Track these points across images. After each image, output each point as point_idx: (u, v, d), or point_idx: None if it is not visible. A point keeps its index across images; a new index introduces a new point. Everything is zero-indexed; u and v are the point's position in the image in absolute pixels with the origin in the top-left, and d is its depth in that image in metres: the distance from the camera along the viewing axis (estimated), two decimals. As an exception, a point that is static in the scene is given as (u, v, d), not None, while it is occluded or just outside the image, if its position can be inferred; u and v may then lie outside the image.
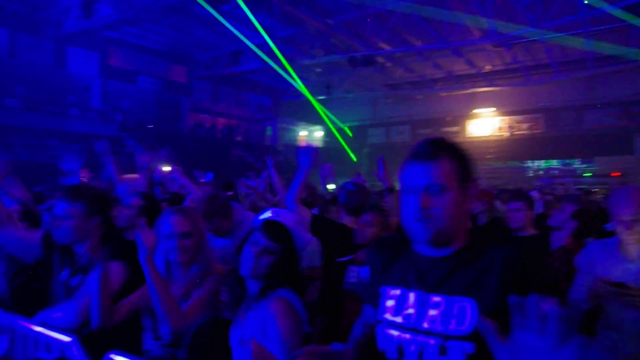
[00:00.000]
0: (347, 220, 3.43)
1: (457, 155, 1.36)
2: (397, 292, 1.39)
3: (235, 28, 16.31)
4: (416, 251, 1.40)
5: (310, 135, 27.53)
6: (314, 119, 25.50)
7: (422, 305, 1.32)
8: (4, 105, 15.45)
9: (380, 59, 19.77)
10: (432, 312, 1.29)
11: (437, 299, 1.30)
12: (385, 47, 18.44)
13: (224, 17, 15.52)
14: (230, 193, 5.64)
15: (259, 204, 4.90)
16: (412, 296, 1.35)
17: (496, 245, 1.31)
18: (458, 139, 25.19)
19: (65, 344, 2.09)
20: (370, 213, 3.11)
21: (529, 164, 23.56)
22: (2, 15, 15.72)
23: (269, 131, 25.66)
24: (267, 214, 2.69)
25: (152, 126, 19.43)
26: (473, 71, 22.20)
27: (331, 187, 5.68)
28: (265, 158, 4.75)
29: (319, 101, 22.97)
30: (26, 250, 2.57)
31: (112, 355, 1.78)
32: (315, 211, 3.94)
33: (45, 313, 2.29)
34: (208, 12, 14.71)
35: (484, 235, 1.37)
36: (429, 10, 14.58)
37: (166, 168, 5.16)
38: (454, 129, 25.69)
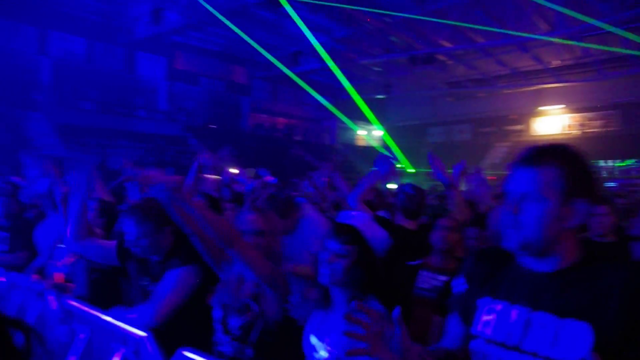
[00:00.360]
0: (405, 224, 3.39)
1: (568, 165, 1.21)
2: (499, 306, 1.29)
3: (295, 29, 16.50)
4: (521, 265, 1.30)
5: (369, 134, 27.40)
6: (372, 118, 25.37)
7: (526, 324, 1.22)
8: (80, 107, 16.56)
9: (440, 57, 19.36)
10: (539, 332, 1.19)
11: (544, 318, 1.20)
12: (446, 44, 18.03)
13: (284, 19, 15.75)
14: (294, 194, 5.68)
15: (319, 202, 4.89)
16: (515, 312, 1.25)
17: (613, 264, 1.20)
18: (522, 138, 24.33)
19: (140, 339, 2.21)
20: (447, 218, 3.04)
21: (602, 164, 22.27)
22: (80, 25, 16.80)
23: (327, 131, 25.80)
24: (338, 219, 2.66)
25: (214, 126, 20.02)
26: (540, 67, 21.25)
27: (392, 187, 5.63)
28: (324, 160, 4.75)
29: (378, 100, 22.80)
30: (104, 259, 2.69)
31: (184, 352, 1.82)
32: (381, 214, 3.89)
33: (121, 311, 2.37)
34: (268, 14, 14.99)
35: (597, 251, 1.23)
36: (491, 5, 14.12)
37: (233, 170, 5.30)
38: (518, 127, 24.70)
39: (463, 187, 5.37)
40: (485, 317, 1.30)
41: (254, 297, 2.13)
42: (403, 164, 23.65)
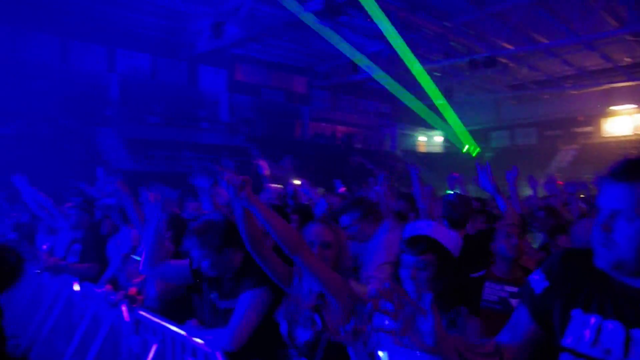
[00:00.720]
0: None
1: None
2: (592, 320, 1.21)
3: (353, 38, 16.47)
4: (615, 277, 1.21)
5: (430, 140, 26.89)
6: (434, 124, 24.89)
7: (627, 341, 1.14)
8: (147, 121, 17.30)
9: (502, 59, 18.70)
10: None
11: None
12: (508, 46, 17.39)
13: (342, 28, 15.75)
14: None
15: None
16: (609, 328, 1.18)
17: None
18: (591, 140, 23.02)
19: (211, 352, 2.20)
20: (509, 224, 2.86)
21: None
22: (145, 42, 17.61)
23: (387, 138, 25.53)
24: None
25: (274, 136, 20.30)
26: (609, 65, 20.05)
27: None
28: (384, 167, 4.63)
29: (439, 106, 22.33)
30: (179, 280, 2.72)
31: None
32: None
33: (194, 326, 2.39)
34: (326, 24, 15.04)
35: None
36: (556, 3, 13.48)
37: (296, 181, 5.28)
38: (587, 129, 23.45)
39: (529, 193, 5.08)
40: (578, 330, 1.22)
41: (318, 310, 2.09)
42: (465, 170, 22.96)
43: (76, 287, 3.70)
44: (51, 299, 4.14)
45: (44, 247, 4.77)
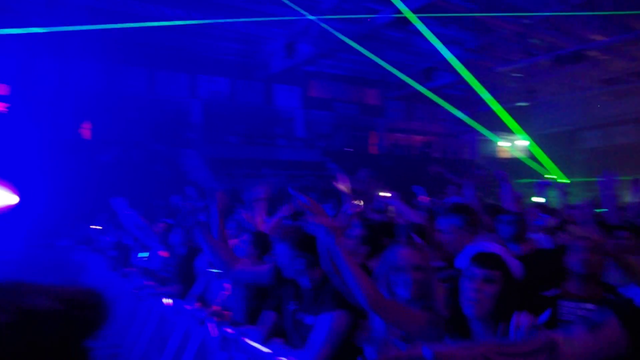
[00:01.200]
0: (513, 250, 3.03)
1: None
2: None
3: (425, 45, 16.13)
4: None
5: (513, 145, 25.62)
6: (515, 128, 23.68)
7: None
8: (227, 141, 18.02)
9: (592, 53, 17.41)
10: None
11: None
12: (598, 38, 16.16)
13: (413, 37, 15.51)
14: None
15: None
16: None
17: None
18: None
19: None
20: (585, 238, 2.57)
21: None
22: (224, 67, 18.48)
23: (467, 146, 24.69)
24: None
25: (350, 149, 20.30)
26: None
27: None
28: (466, 176, 4.42)
29: (521, 108, 21.25)
30: (254, 280, 2.79)
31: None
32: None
33: (279, 345, 2.39)
34: (397, 34, 14.89)
35: None
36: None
37: (384, 194, 5.14)
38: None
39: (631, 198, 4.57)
40: None
41: (406, 340, 1.99)
42: (554, 174, 21.58)
43: (167, 301, 3.82)
44: (145, 313, 4.32)
45: (140, 263, 5.00)
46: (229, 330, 2.77)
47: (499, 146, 25.80)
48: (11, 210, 12.66)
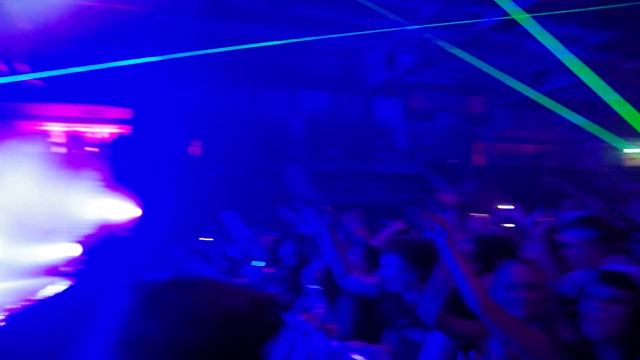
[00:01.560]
0: None
1: None
2: None
3: (536, 47, 15.11)
4: None
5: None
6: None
7: None
8: (328, 155, 18.32)
9: None
10: None
11: None
12: None
13: (522, 39, 14.64)
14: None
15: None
16: None
17: None
18: None
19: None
20: None
21: None
22: (324, 81, 18.85)
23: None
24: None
25: (454, 160, 19.65)
26: None
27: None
28: (584, 187, 3.96)
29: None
30: (365, 292, 2.85)
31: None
32: None
33: None
34: (504, 37, 14.15)
35: None
36: None
37: (507, 207, 4.79)
38: None
39: None
40: None
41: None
42: None
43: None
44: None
45: (254, 273, 5.10)
46: (335, 344, 2.75)
47: (627, 154, 23.30)
48: (136, 222, 13.89)
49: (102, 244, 12.04)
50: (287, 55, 16.97)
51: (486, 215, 4.08)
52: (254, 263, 5.63)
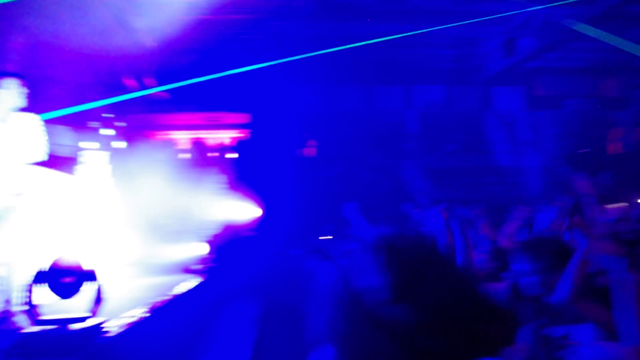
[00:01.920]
0: None
1: None
2: None
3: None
4: None
5: None
6: None
7: None
8: (444, 150, 17.84)
9: None
10: None
11: None
12: None
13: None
14: None
15: None
16: None
17: None
18: None
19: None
20: None
21: None
22: (439, 74, 18.32)
23: None
24: None
25: (586, 150, 18.05)
26: None
27: None
28: None
29: None
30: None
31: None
32: None
33: None
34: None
35: None
36: None
37: None
38: None
39: None
40: None
41: None
42: None
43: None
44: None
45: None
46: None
47: None
48: (256, 222, 14.64)
49: (228, 244, 12.84)
50: (400, 50, 16.72)
51: (625, 205, 3.65)
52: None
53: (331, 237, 10.98)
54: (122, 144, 12.75)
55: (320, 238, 11.71)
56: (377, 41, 14.95)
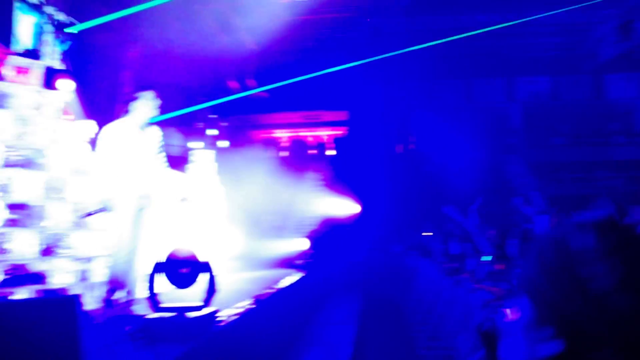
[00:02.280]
0: None
1: None
2: None
3: None
4: None
5: None
6: None
7: None
8: (551, 144, 16.90)
9: None
10: None
11: None
12: None
13: None
14: None
15: None
16: None
17: None
18: None
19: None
20: None
21: None
22: (544, 64, 17.39)
23: None
24: None
25: None
26: None
27: None
28: None
29: None
30: None
31: None
32: None
33: None
34: None
35: None
36: None
37: None
38: None
39: None
40: None
41: None
42: None
43: (507, 313, 3.78)
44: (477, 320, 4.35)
45: (481, 268, 5.13)
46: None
47: None
48: (355, 218, 14.91)
49: (328, 239, 13.14)
50: (500, 40, 16.07)
51: None
52: (483, 258, 5.61)
53: (432, 233, 10.95)
54: (226, 143, 13.11)
55: (422, 235, 11.70)
56: (477, 33, 14.49)
